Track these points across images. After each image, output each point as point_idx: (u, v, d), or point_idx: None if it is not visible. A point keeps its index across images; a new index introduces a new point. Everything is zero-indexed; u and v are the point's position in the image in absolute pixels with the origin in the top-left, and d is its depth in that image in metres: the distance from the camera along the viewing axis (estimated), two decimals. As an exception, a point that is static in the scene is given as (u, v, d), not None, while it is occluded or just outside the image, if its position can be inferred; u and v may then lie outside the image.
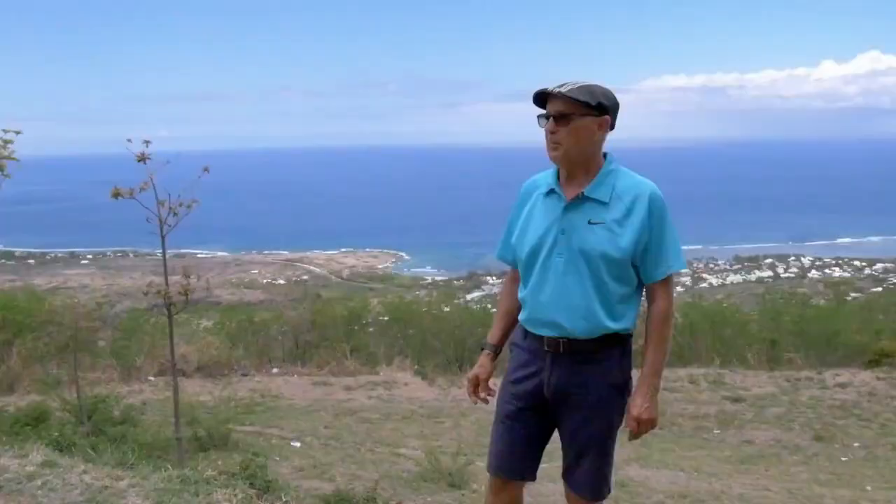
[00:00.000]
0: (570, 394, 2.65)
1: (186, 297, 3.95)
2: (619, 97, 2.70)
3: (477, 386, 2.88)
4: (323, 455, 6.24)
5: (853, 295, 21.19)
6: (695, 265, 64.97)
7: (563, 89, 2.59)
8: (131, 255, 59.98)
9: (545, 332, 2.66)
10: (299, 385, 9.15)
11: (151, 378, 9.05)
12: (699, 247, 73.10)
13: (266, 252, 70.00)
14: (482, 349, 2.93)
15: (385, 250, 76.75)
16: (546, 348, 2.66)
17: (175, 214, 3.94)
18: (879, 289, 38.22)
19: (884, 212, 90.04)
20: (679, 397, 9.08)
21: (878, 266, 55.06)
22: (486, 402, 2.87)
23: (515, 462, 2.81)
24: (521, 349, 2.76)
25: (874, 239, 73.34)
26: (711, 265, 65.03)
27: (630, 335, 2.67)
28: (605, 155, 2.71)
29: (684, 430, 7.82)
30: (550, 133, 2.62)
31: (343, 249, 74.46)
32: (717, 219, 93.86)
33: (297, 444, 6.63)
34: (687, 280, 59.40)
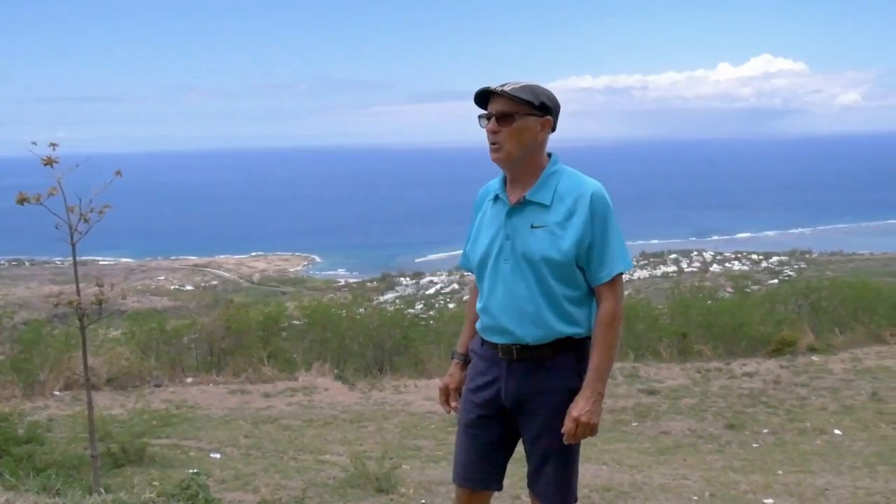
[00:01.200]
0: (527, 400, 2.62)
1: (100, 306, 3.76)
2: None
3: (448, 395, 2.86)
4: (244, 465, 6.08)
5: (753, 287, 22.08)
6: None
7: (505, 88, 2.54)
8: (27, 263, 57.29)
9: (499, 340, 2.63)
10: (215, 394, 8.90)
11: (57, 393, 8.63)
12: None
13: (173, 257, 68.04)
14: (451, 358, 2.93)
15: (297, 253, 75.73)
16: (501, 356, 2.64)
17: (86, 221, 3.75)
18: (776, 281, 40.04)
19: (779, 207, 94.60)
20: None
21: (774, 259, 57.76)
22: (457, 411, 2.83)
23: (481, 472, 2.77)
24: (479, 357, 2.74)
25: (770, 233, 76.88)
26: (622, 261, 66.76)
27: (587, 338, 2.63)
28: (549, 155, 2.68)
29: (604, 424, 7.87)
30: (492, 133, 2.56)
31: (253, 253, 73.08)
32: (623, 216, 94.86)
33: (217, 456, 6.44)
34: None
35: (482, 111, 2.63)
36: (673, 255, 66.59)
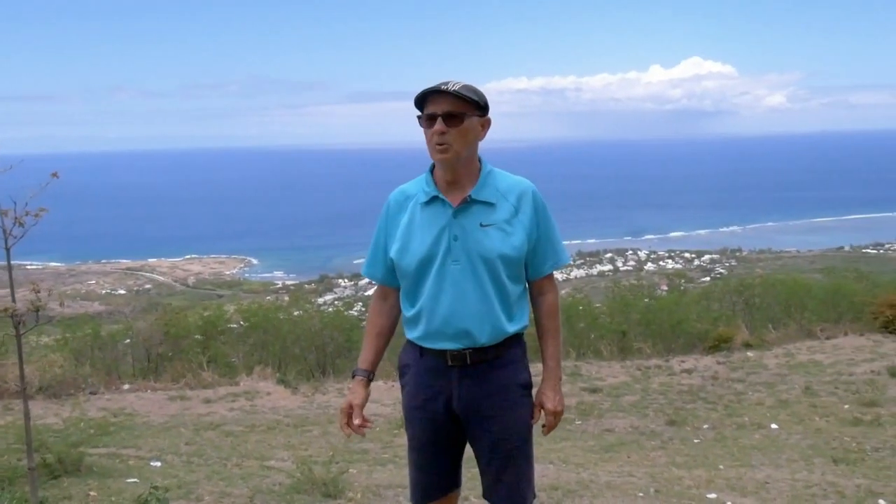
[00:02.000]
0: (482, 403, 2.59)
1: (37, 312, 3.61)
2: None
3: (350, 415, 2.71)
4: (187, 473, 5.91)
5: (687, 285, 22.63)
6: (538, 261, 67.36)
7: (452, 88, 2.50)
8: (-57, 268, 55.04)
9: (448, 346, 2.56)
10: (154, 401, 8.66)
11: (-16, 403, 8.28)
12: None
13: (104, 261, 66.22)
14: (353, 376, 2.77)
15: (232, 256, 74.59)
16: (451, 363, 2.57)
17: (21, 225, 3.59)
18: (708, 279, 41.12)
19: (710, 207, 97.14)
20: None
21: (706, 257, 59.32)
22: (362, 433, 2.71)
23: (442, 481, 2.75)
24: (419, 370, 2.65)
25: (702, 232, 78.87)
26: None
27: (523, 333, 2.66)
28: (479, 159, 2.67)
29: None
30: (440, 134, 2.50)
31: (188, 256, 71.70)
32: (560, 216, 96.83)
33: (158, 464, 6.25)
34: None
35: (429, 111, 2.55)
36: (609, 254, 67.83)
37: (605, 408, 8.52)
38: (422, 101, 2.58)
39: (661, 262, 61.54)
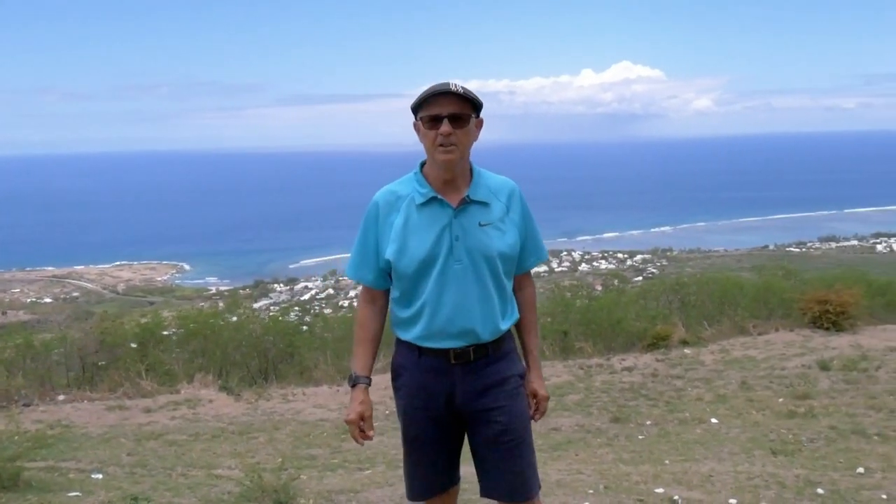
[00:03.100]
0: (485, 397, 2.62)
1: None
2: (395, 103, 2.64)
3: (360, 425, 2.71)
4: (131, 485, 5.76)
5: (622, 285, 23.07)
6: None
7: (458, 89, 2.51)
8: None
9: (451, 345, 2.58)
10: (91, 411, 8.40)
11: None
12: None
13: (28, 269, 63.94)
14: (354, 385, 2.75)
15: (164, 262, 73.05)
16: (454, 362, 2.60)
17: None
18: (640, 278, 41.98)
19: (641, 207, 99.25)
20: (486, 392, 9.41)
21: (638, 257, 60.58)
22: (371, 439, 2.75)
23: (440, 478, 2.76)
24: (418, 370, 2.66)
25: (634, 233, 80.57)
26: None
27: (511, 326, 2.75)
28: None
29: (495, 423, 8.09)
30: (446, 135, 2.51)
31: (117, 263, 69.89)
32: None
33: (99, 476, 6.07)
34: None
35: (433, 112, 2.53)
36: (544, 256, 68.62)
37: (550, 407, 8.48)
38: (420, 104, 2.57)
39: (594, 263, 62.60)
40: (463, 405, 2.64)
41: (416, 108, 2.60)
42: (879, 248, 66.61)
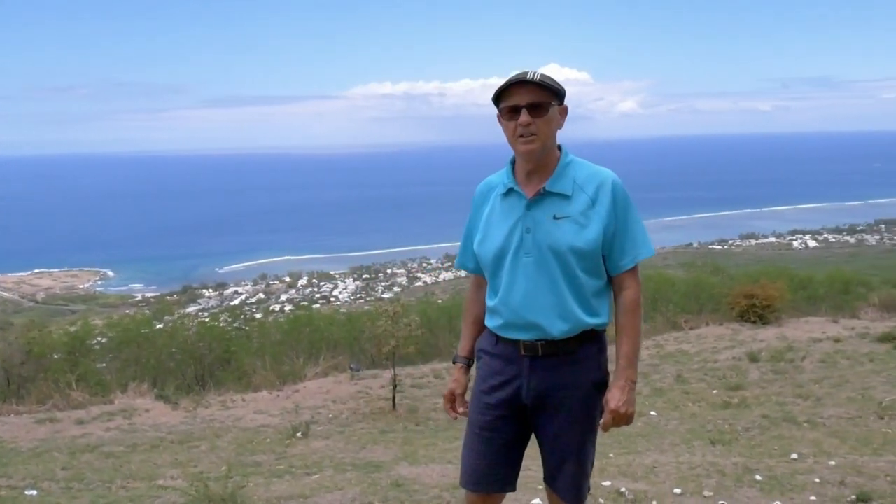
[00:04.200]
0: (551, 396, 2.57)
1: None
2: (326, 104, 2.59)
3: (453, 401, 2.77)
4: (68, 501, 5.56)
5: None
6: (409, 265, 68.02)
7: (535, 77, 2.46)
8: None
9: (521, 336, 2.55)
10: (20, 425, 8.07)
11: None
12: (412, 248, 76.56)
13: (-62, 278, 61.15)
14: (454, 362, 2.81)
15: (86, 268, 70.86)
16: (523, 353, 2.56)
17: None
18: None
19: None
20: (428, 392, 9.42)
21: (569, 256, 61.45)
22: (466, 415, 2.74)
23: (496, 474, 2.70)
24: (493, 356, 2.64)
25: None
26: (425, 264, 68.45)
27: (605, 329, 2.62)
28: (559, 147, 2.64)
29: (440, 423, 8.11)
30: (525, 125, 2.46)
31: (36, 270, 67.39)
32: (426, 220, 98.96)
33: (34, 493, 5.84)
34: (403, 280, 62.03)
35: (511, 103, 2.49)
36: (476, 256, 69.13)
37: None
38: (499, 95, 2.53)
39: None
40: (529, 400, 2.60)
41: (496, 100, 2.55)
42: (796, 244, 69.39)
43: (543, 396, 2.58)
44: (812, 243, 69.52)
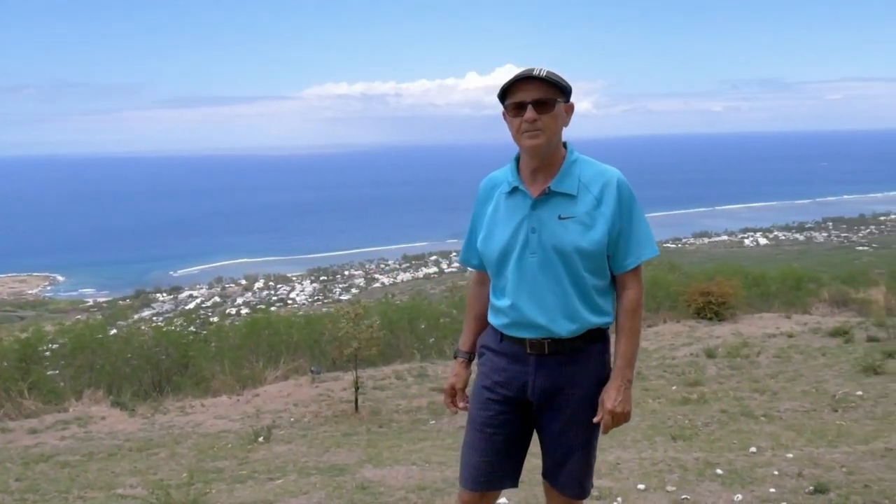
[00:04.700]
0: (556, 394, 2.57)
1: None
2: (283, 105, 2.56)
3: (454, 396, 2.77)
4: (23, 512, 5.44)
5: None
6: (367, 266, 67.78)
7: (541, 73, 2.44)
8: None
9: (528, 335, 2.54)
10: (-30, 436, 7.86)
11: None
12: (370, 249, 76.30)
13: None
14: (455, 357, 2.81)
15: (34, 273, 69.12)
16: (529, 350, 2.56)
17: None
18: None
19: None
20: (391, 394, 9.39)
21: (527, 255, 61.83)
22: (467, 409, 2.73)
23: (498, 471, 2.68)
24: (497, 353, 2.64)
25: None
26: (382, 265, 68.26)
27: (608, 327, 2.63)
28: (564, 145, 2.62)
29: (403, 424, 8.09)
30: (531, 121, 2.44)
31: (-18, 276, 65.52)
32: (384, 220, 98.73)
33: (-13, 504, 5.70)
34: (361, 281, 61.78)
35: (517, 99, 2.48)
36: (434, 257, 69.15)
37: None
38: (504, 91, 2.51)
39: (483, 263, 63.41)
40: (533, 397, 2.60)
41: (502, 97, 2.54)
42: (747, 242, 70.82)
43: (549, 394, 2.58)
44: (763, 241, 71.00)
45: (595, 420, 2.58)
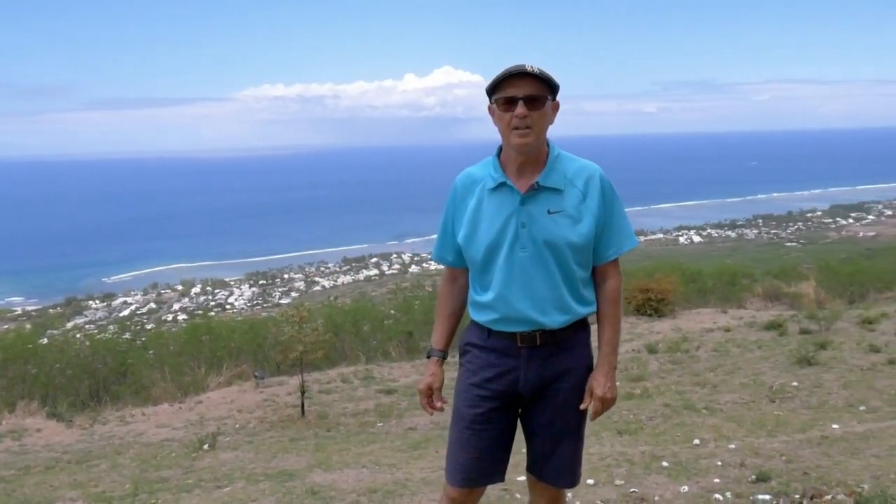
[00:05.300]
0: (547, 385, 2.61)
1: None
2: (218, 107, 2.54)
3: (431, 396, 2.75)
4: (-43, 530, 5.23)
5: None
6: (306, 269, 67.13)
7: (535, 70, 2.45)
8: None
9: (519, 329, 2.57)
10: None
11: None
12: (310, 251, 75.57)
13: None
14: (429, 356, 2.79)
15: (-44, 282, 66.42)
16: (520, 344, 2.58)
17: None
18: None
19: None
20: (337, 397, 9.32)
21: (467, 257, 62.03)
22: (442, 410, 2.74)
23: (487, 467, 2.70)
24: (485, 349, 2.64)
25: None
26: (323, 268, 67.71)
27: (591, 316, 2.69)
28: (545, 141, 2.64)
29: (351, 428, 8.04)
30: (522, 117, 2.45)
31: None
32: (323, 223, 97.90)
33: (-83, 524, 5.46)
34: (301, 284, 61.15)
35: (508, 94, 2.48)
36: (374, 259, 68.92)
37: (404, 407, 8.69)
38: (494, 85, 2.51)
39: (424, 265, 63.61)
40: (525, 389, 2.63)
41: (491, 90, 2.54)
42: (682, 239, 72.54)
43: (541, 385, 2.62)
44: (697, 238, 72.80)
45: (582, 407, 2.64)
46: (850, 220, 77.20)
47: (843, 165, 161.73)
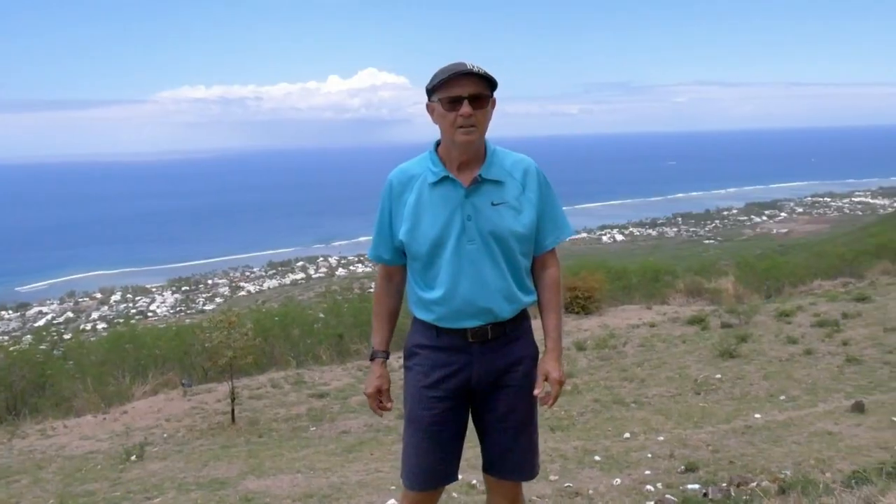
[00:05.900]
0: (500, 376, 2.61)
1: None
2: (135, 109, 2.51)
3: (380, 398, 2.74)
4: None
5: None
6: (231, 274, 65.90)
7: (479, 70, 2.47)
8: None
9: (469, 324, 2.57)
10: None
11: None
12: (234, 256, 74.17)
13: None
14: (373, 358, 2.75)
15: None
16: (471, 340, 2.58)
17: None
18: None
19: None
20: (268, 402, 9.19)
21: (395, 259, 61.89)
22: (389, 410, 2.75)
23: (447, 467, 2.69)
24: (435, 349, 2.62)
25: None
26: (248, 273, 66.58)
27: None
28: None
29: (283, 433, 7.94)
30: (467, 116, 2.47)
31: None
32: (247, 227, 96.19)
33: None
34: (226, 290, 60.00)
35: (454, 93, 2.48)
36: (300, 263, 68.12)
37: (336, 411, 8.63)
38: (437, 84, 2.51)
39: (351, 267, 63.20)
40: (478, 384, 2.63)
41: (433, 89, 2.55)
42: (605, 238, 74.10)
43: (493, 378, 2.63)
44: (619, 237, 74.48)
45: (535, 393, 2.64)
46: (764, 218, 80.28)
47: (756, 165, 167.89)
